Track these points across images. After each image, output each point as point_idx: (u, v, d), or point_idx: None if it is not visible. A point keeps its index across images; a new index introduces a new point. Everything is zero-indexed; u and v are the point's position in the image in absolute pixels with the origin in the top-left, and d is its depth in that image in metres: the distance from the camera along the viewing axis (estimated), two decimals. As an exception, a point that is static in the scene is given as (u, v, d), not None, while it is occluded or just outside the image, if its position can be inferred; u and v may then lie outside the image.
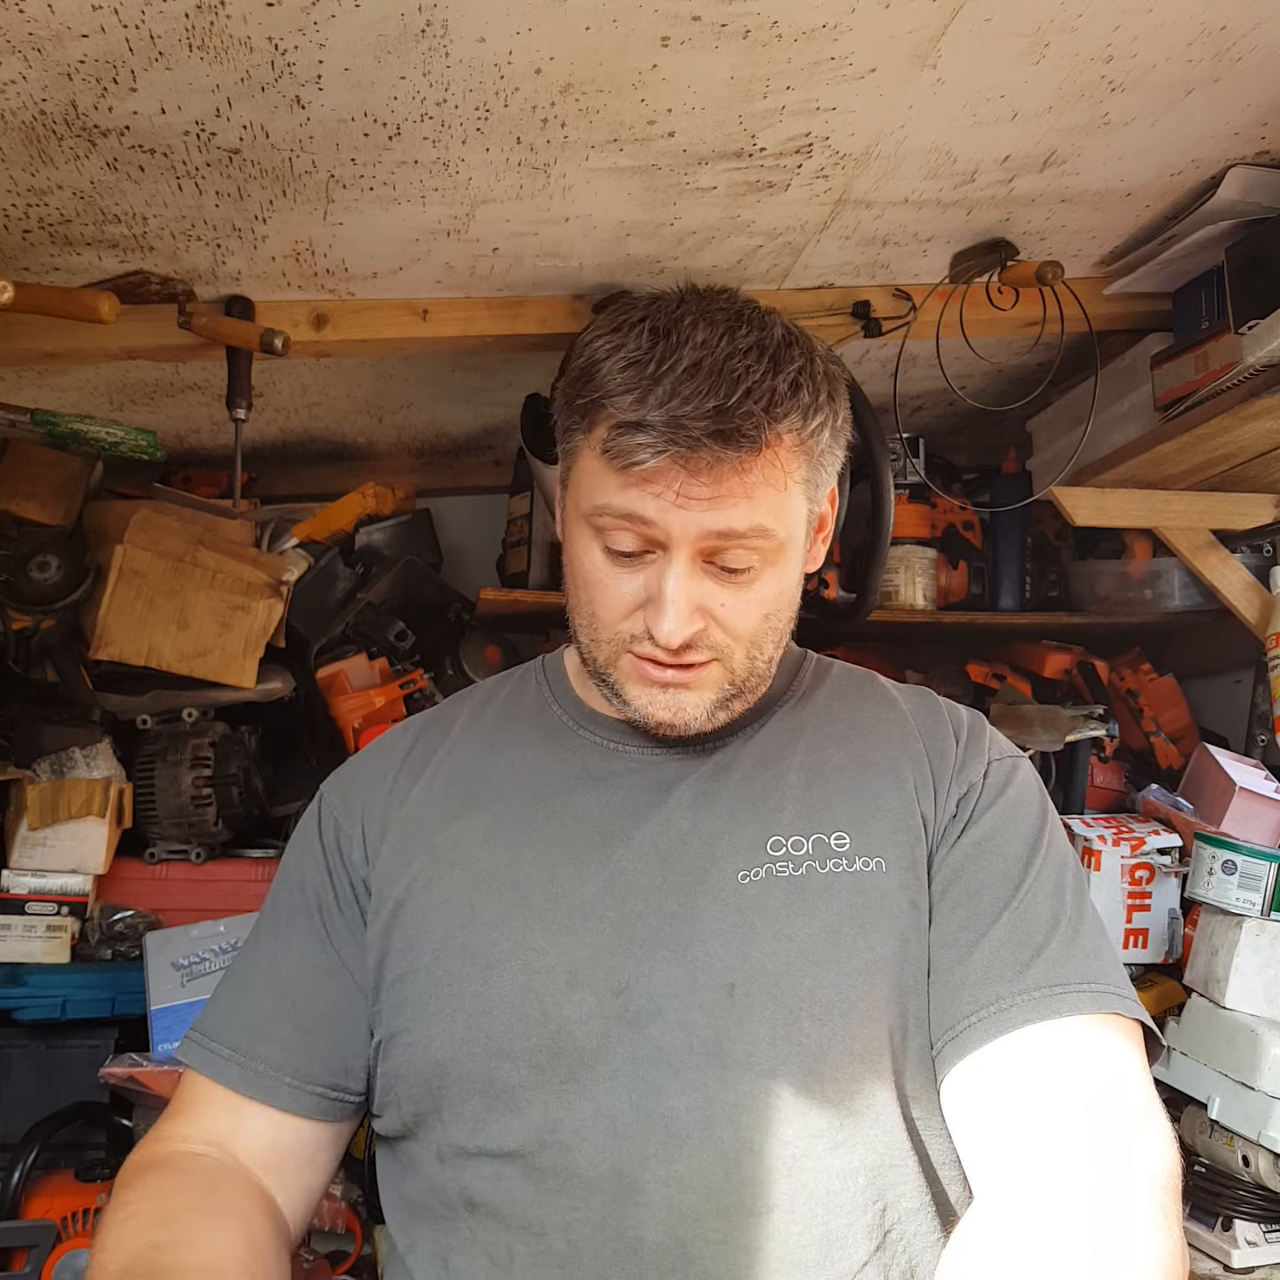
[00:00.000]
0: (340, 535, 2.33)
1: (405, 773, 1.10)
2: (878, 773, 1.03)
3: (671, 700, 0.99)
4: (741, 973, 0.93)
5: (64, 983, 1.79)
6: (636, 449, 0.91)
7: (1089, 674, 2.37)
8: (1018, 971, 0.93)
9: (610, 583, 0.97)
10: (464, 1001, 0.96)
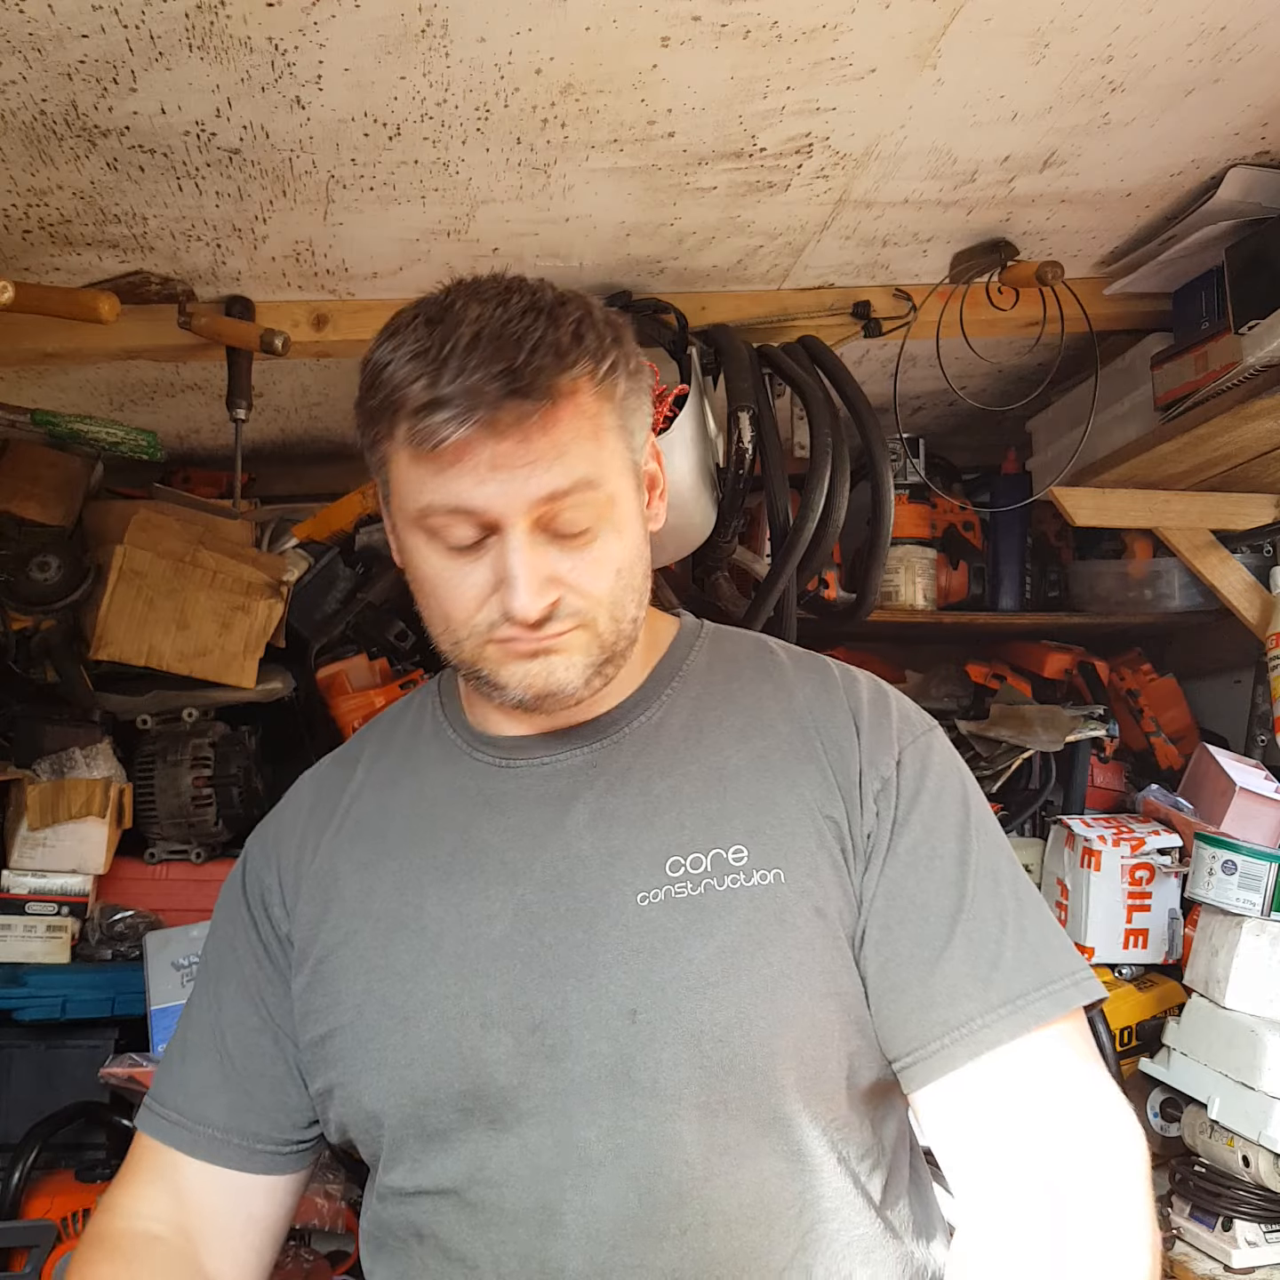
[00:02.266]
0: (340, 535, 2.32)
1: (314, 822, 1.10)
2: (774, 776, 1.00)
3: (543, 667, 0.96)
4: (643, 998, 0.93)
5: (64, 983, 1.79)
6: (440, 427, 0.89)
7: (1089, 674, 2.37)
8: (981, 988, 0.93)
9: (456, 579, 0.95)
10: (386, 1054, 0.98)
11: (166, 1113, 1.07)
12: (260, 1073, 1.06)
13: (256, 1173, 1.06)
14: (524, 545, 0.92)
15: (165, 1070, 1.10)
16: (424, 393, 0.91)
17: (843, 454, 1.73)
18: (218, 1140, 1.05)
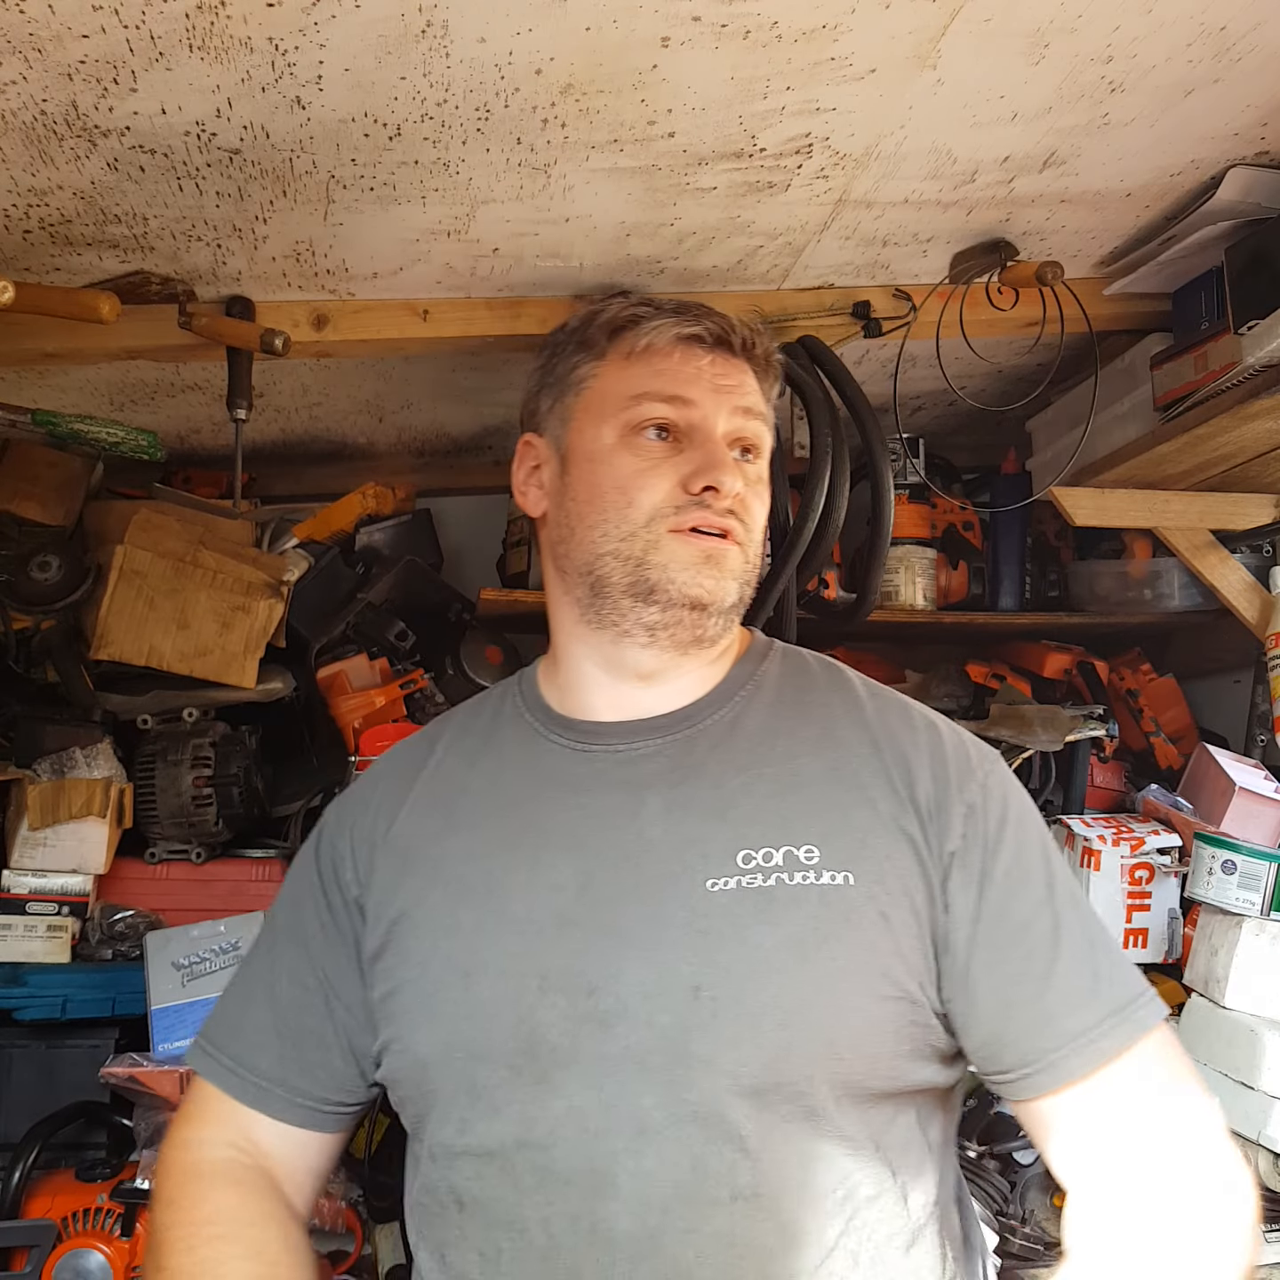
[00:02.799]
0: (341, 535, 2.33)
1: (391, 794, 1.14)
2: (847, 786, 1.05)
3: (715, 575, 1.05)
4: (707, 976, 0.96)
5: (64, 982, 1.79)
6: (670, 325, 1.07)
7: (1089, 674, 2.37)
8: (1089, 1000, 1.00)
9: (646, 470, 1.05)
10: (444, 1007, 1.01)
11: (220, 1056, 1.12)
12: (308, 1030, 1.10)
13: (293, 1124, 1.10)
14: (723, 442, 1.07)
15: (221, 1011, 1.16)
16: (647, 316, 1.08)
17: (843, 454, 1.74)
18: (263, 1089, 1.09)
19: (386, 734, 2.10)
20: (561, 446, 1.12)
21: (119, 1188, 1.61)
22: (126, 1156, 1.69)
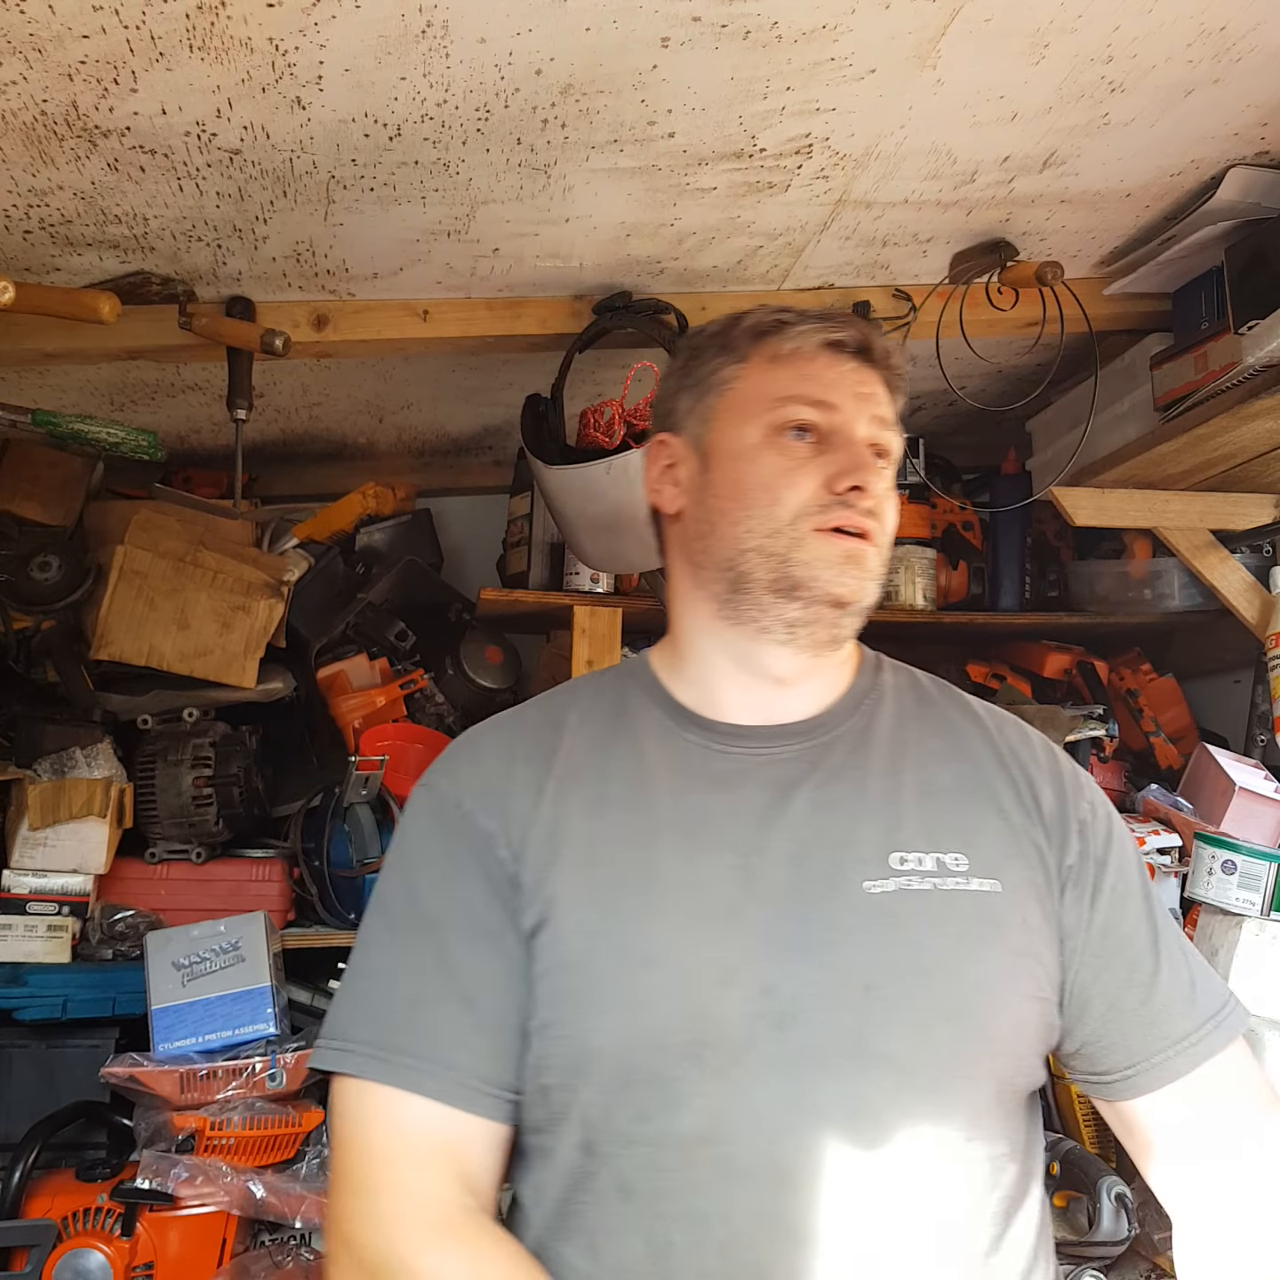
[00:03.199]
0: (341, 535, 2.33)
1: (530, 774, 1.10)
2: (981, 798, 1.09)
3: (857, 575, 1.07)
4: (878, 976, 0.99)
5: (65, 982, 1.79)
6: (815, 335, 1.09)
7: (1089, 674, 2.37)
8: (1189, 1007, 1.07)
9: (790, 469, 1.07)
10: (621, 995, 0.99)
11: (411, 1061, 0.99)
12: (505, 1017, 1.02)
13: (502, 1121, 1.01)
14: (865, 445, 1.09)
15: (385, 1020, 1.02)
16: (788, 316, 1.10)
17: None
18: (469, 1088, 0.99)
19: (386, 734, 2.11)
20: (702, 445, 1.13)
21: (119, 1187, 1.60)
22: (127, 1156, 1.69)
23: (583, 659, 2.09)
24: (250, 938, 1.78)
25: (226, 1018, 1.73)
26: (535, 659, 2.50)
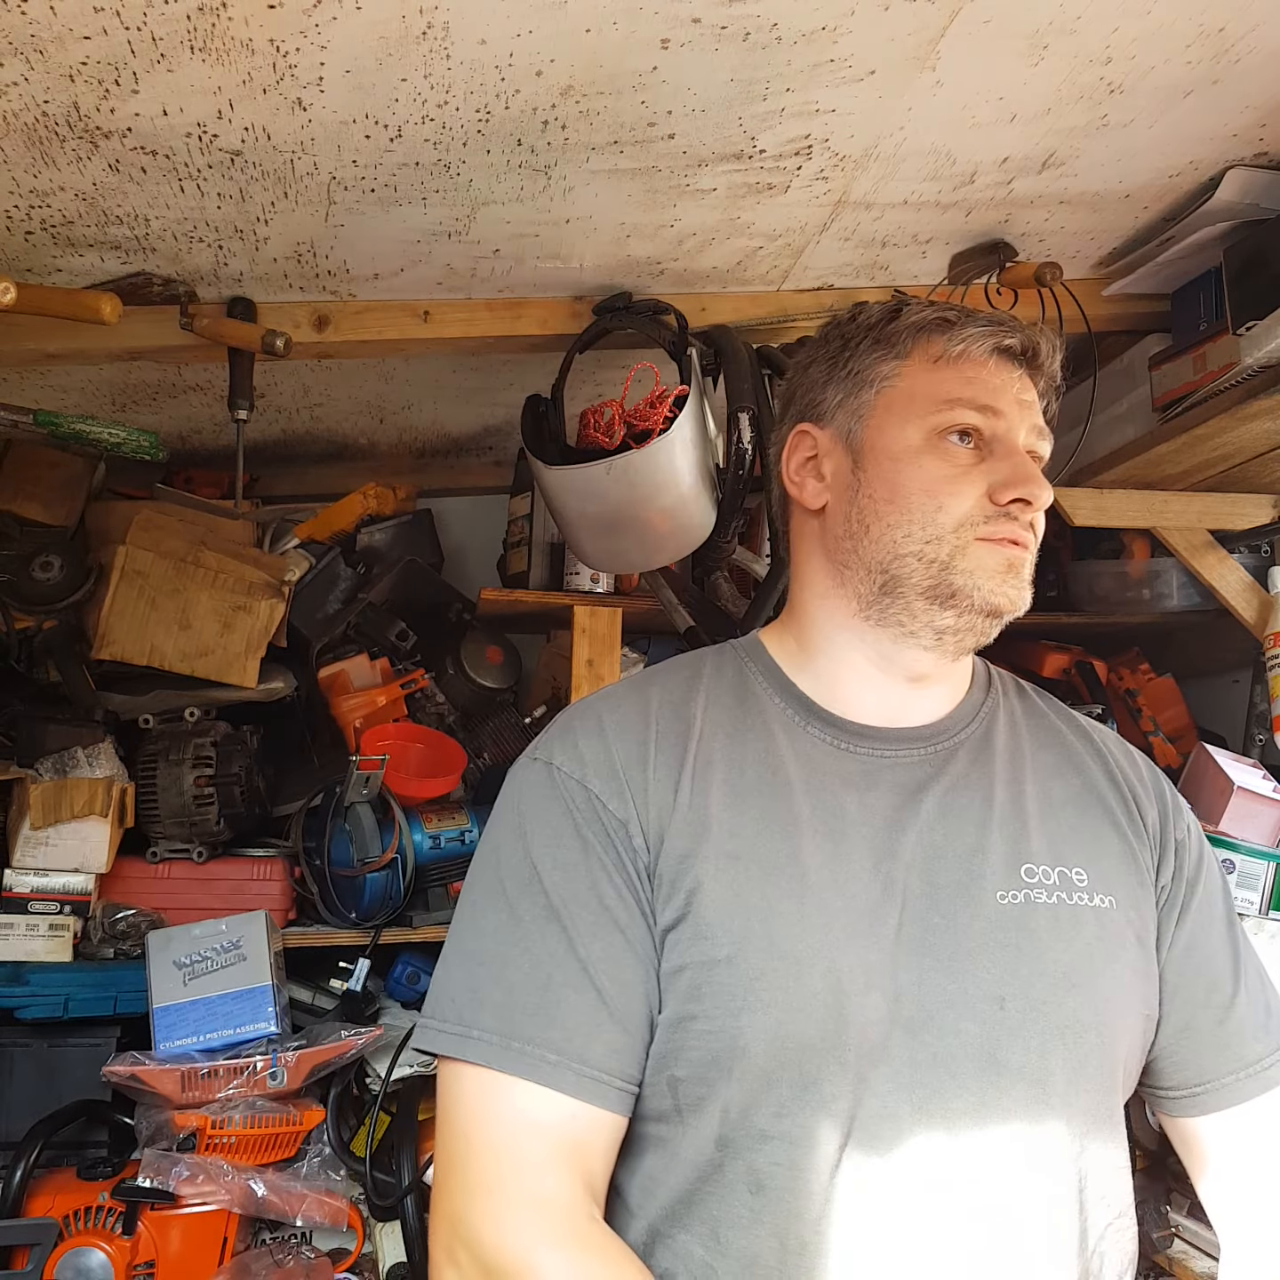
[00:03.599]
0: (341, 535, 2.33)
1: (666, 758, 1.06)
2: (1096, 815, 1.11)
3: (1017, 584, 1.06)
4: (1010, 988, 1.00)
5: (66, 981, 1.79)
6: (982, 340, 1.07)
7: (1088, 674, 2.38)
8: (1264, 1033, 1.09)
9: (954, 475, 1.05)
10: (776, 996, 0.97)
11: (542, 1052, 0.95)
12: (635, 1009, 1.00)
13: (625, 1115, 0.99)
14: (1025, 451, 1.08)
15: (513, 1006, 0.98)
16: (954, 315, 1.09)
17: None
18: (601, 1083, 0.97)
19: (387, 733, 2.11)
20: (855, 442, 1.10)
21: (120, 1186, 1.61)
22: (128, 1155, 1.69)
23: (583, 659, 2.10)
24: (251, 937, 1.78)
25: (228, 1016, 1.73)
26: (535, 659, 2.50)
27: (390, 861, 1.97)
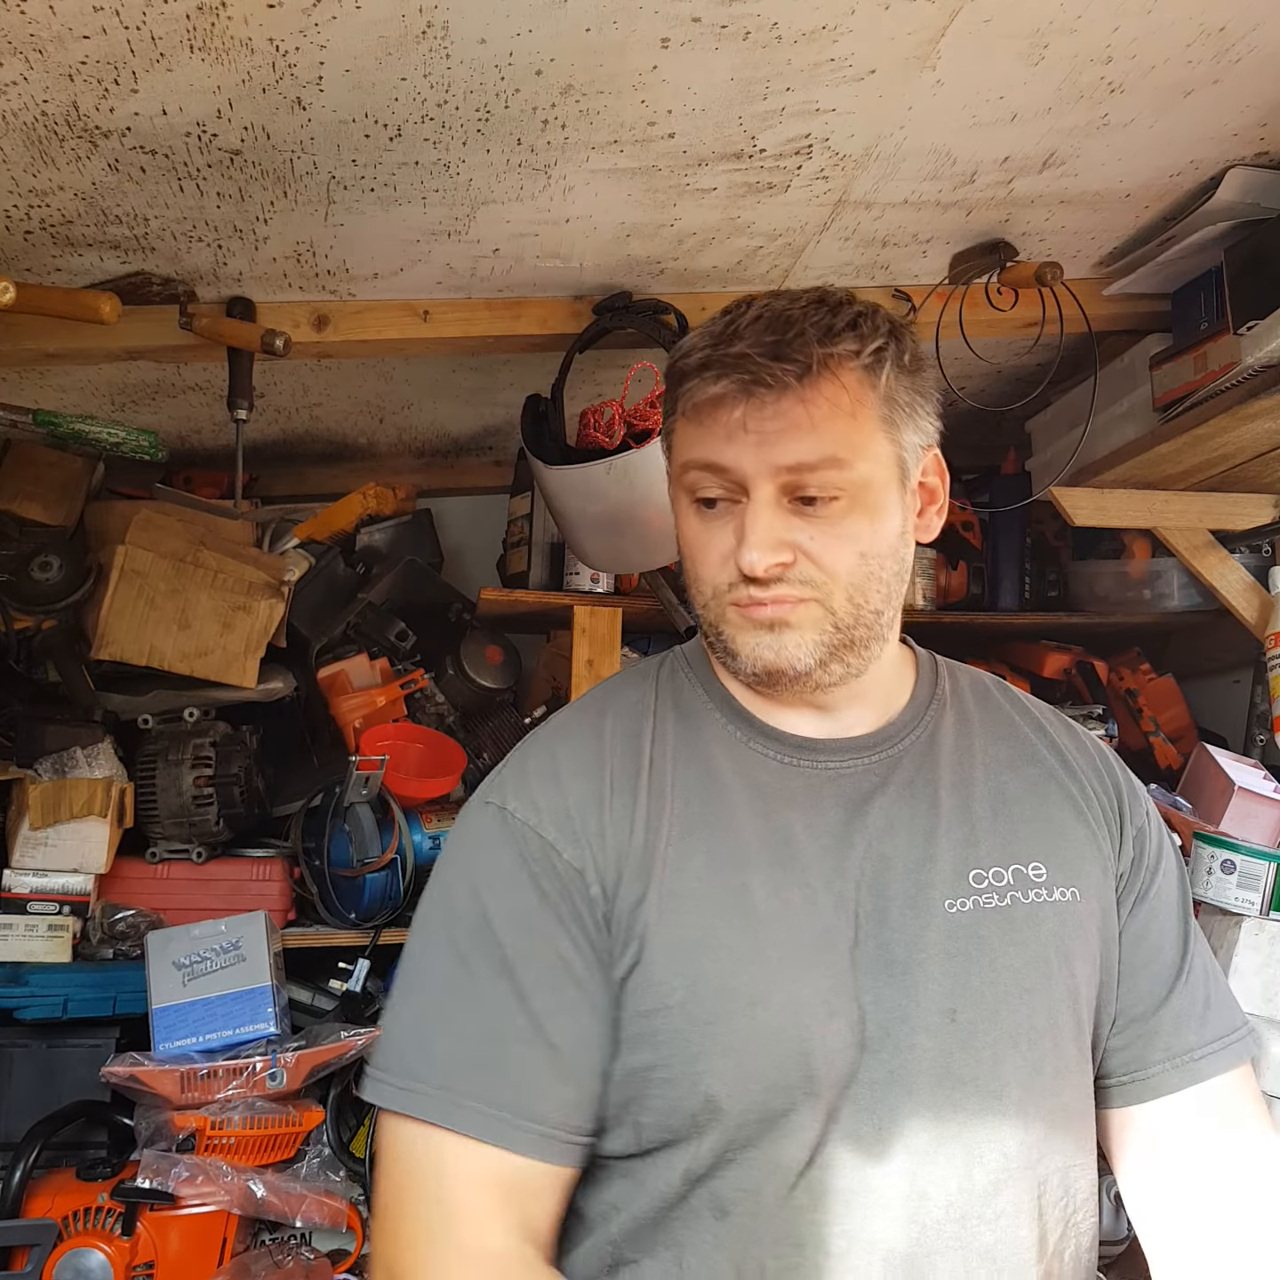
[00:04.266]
0: (341, 535, 2.33)
1: (619, 796, 1.03)
2: (1057, 802, 1.08)
3: (775, 641, 1.00)
4: (962, 999, 0.98)
5: (65, 982, 1.79)
6: (702, 386, 0.98)
7: (1088, 674, 2.38)
8: (1199, 1025, 1.07)
9: (705, 538, 1.01)
10: (732, 1038, 0.96)
11: (487, 1108, 0.94)
12: (588, 1063, 0.98)
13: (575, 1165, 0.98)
14: (763, 505, 0.97)
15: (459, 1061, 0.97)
16: (698, 359, 0.99)
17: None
18: (549, 1138, 0.95)
19: (386, 733, 2.11)
20: (670, 491, 1.07)
21: (120, 1187, 1.61)
22: (127, 1156, 1.69)
23: (583, 659, 2.10)
24: (251, 937, 1.78)
25: (227, 1017, 1.73)
26: (535, 659, 2.50)
27: (390, 862, 1.97)
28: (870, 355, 0.98)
